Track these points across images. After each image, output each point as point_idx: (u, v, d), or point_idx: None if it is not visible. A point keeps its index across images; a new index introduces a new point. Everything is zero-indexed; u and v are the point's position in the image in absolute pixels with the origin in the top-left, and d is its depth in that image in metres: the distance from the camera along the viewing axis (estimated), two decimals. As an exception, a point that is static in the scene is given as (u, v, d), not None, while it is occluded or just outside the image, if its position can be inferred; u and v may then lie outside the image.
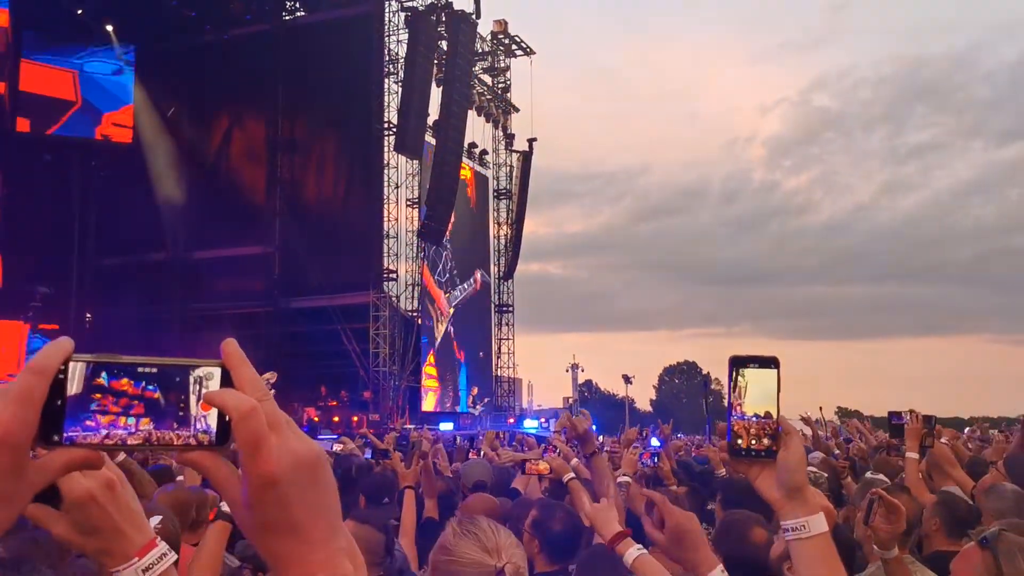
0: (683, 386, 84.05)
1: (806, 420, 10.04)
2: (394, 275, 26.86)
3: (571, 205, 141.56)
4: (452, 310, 30.08)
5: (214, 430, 0.82)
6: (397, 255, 26.96)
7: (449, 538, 2.06)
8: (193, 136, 28.61)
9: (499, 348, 32.65)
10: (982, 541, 2.25)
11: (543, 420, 31.01)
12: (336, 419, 24.31)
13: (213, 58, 27.31)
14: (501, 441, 13.04)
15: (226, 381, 0.82)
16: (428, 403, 28.73)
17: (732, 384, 1.58)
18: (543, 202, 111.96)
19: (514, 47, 32.08)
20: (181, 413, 0.82)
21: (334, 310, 26.26)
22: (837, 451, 9.49)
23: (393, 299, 26.65)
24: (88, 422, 0.79)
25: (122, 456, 2.87)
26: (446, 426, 25.17)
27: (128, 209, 27.63)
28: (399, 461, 5.63)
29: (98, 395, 0.79)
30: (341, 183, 28.11)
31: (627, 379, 41.28)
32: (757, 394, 1.57)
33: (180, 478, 5.93)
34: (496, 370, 32.59)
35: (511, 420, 31.25)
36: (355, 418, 24.28)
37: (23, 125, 26.26)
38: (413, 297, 27.74)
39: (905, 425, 5.24)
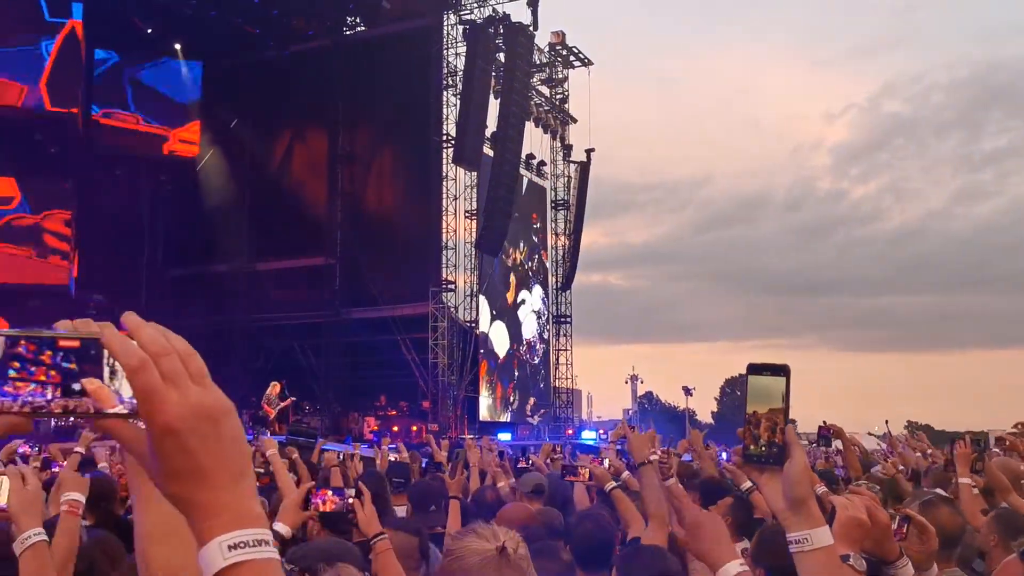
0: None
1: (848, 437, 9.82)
2: (452, 286, 27.05)
3: (632, 215, 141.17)
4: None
5: (134, 399, 0.87)
6: (455, 266, 27.17)
7: (449, 542, 2.25)
8: (256, 149, 29.30)
9: (557, 359, 32.58)
10: (1023, 554, 2.17)
11: (602, 432, 30.78)
12: (395, 428, 24.52)
13: (276, 73, 27.95)
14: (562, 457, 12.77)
15: None
16: (500, 412, 28.84)
17: (746, 391, 1.64)
18: (604, 212, 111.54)
19: (572, 58, 32.06)
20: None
21: (394, 320, 26.55)
22: (903, 466, 9.24)
23: (451, 309, 26.82)
24: (7, 388, 0.84)
25: None
26: (504, 436, 25.18)
27: (193, 221, 28.46)
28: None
29: (16, 364, 0.84)
30: (400, 195, 28.44)
31: (687, 390, 40.84)
32: (768, 401, 1.64)
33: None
34: (554, 381, 32.51)
35: (569, 431, 31.11)
36: (414, 427, 24.48)
37: (96, 141, 27.16)
38: (471, 307, 27.89)
39: (954, 451, 5.19)
